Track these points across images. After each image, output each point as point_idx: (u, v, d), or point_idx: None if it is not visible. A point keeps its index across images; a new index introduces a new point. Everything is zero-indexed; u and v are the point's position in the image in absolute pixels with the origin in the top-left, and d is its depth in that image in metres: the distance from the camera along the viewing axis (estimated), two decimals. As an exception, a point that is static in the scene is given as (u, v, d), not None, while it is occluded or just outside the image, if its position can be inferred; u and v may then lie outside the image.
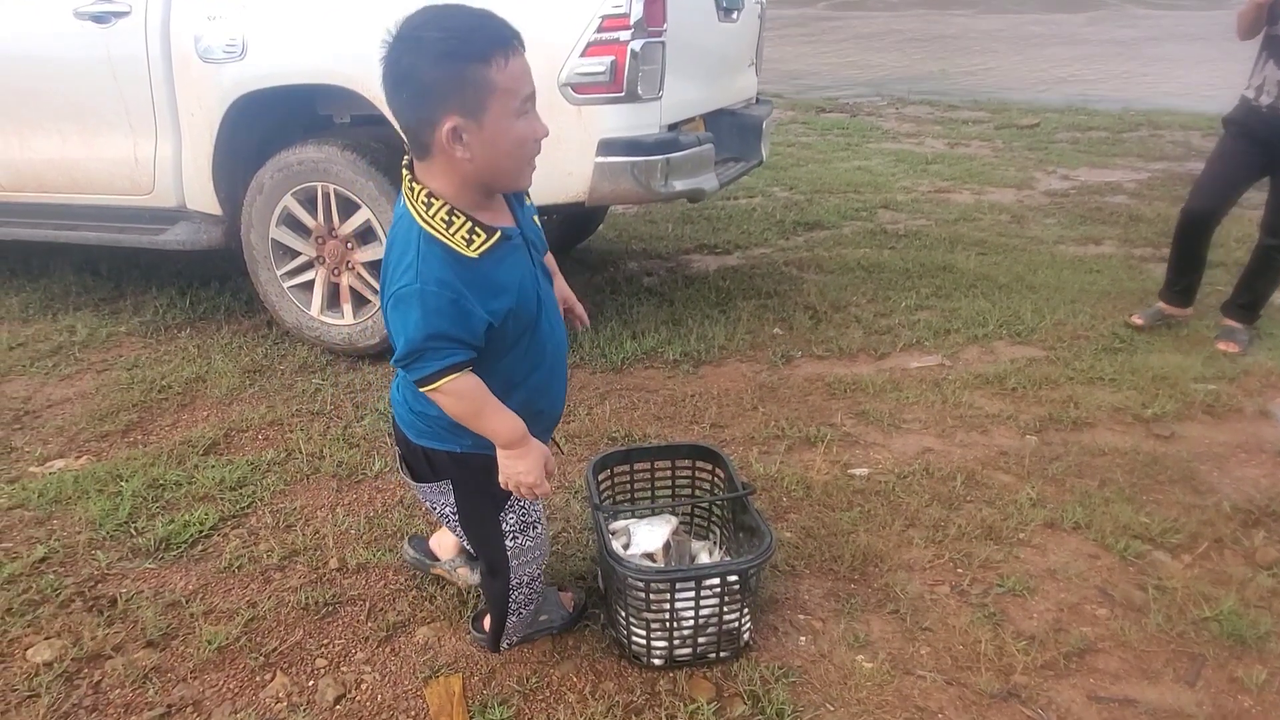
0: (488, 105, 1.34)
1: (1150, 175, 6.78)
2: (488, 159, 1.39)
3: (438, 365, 1.44)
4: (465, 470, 1.68)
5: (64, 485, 2.53)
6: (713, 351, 3.48)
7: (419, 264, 1.41)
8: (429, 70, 1.32)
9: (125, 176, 3.50)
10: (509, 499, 1.69)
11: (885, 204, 5.92)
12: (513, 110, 1.36)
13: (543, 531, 1.81)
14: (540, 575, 1.85)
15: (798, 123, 9.17)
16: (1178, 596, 2.10)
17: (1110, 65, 13.61)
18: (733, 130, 3.87)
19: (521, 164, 1.44)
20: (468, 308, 1.43)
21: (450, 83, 1.32)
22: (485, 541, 1.76)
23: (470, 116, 1.35)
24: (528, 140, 1.40)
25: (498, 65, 1.32)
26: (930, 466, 2.66)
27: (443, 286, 1.40)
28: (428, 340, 1.42)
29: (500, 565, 1.76)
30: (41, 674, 1.84)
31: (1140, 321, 3.69)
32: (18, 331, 3.70)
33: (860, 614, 2.05)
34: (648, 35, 2.88)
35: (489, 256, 1.46)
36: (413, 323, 1.41)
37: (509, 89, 1.34)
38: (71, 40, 3.34)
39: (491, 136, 1.36)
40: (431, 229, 1.42)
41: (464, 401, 1.50)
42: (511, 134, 1.38)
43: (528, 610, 1.87)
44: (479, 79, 1.32)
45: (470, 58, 1.31)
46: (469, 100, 1.33)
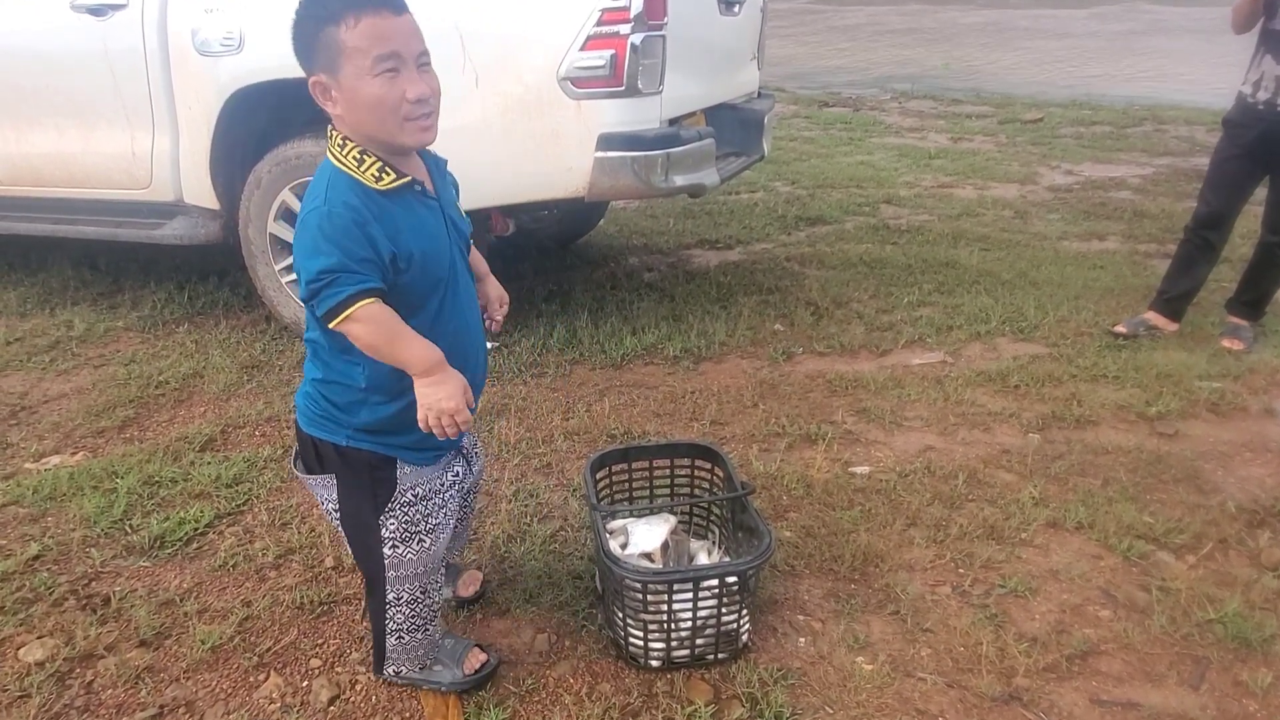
0: (340, 64, 1.40)
1: (1155, 170, 6.74)
2: (353, 115, 1.44)
3: (348, 290, 1.40)
4: (347, 466, 1.59)
5: (59, 482, 2.51)
6: (713, 348, 3.46)
7: (327, 191, 1.43)
8: (295, 32, 1.43)
9: (122, 171, 3.48)
10: (389, 503, 1.60)
11: (888, 199, 5.89)
12: (365, 69, 1.39)
13: (432, 549, 1.66)
14: (429, 606, 1.72)
15: (800, 117, 9.13)
16: (1182, 598, 2.07)
17: (1115, 60, 13.55)
18: (734, 125, 3.84)
19: (391, 121, 1.43)
20: (373, 233, 1.42)
21: (307, 42, 1.42)
22: (362, 546, 1.65)
23: (329, 74, 1.42)
24: (388, 99, 1.41)
25: (347, 25, 1.37)
26: (932, 465, 2.64)
27: (349, 209, 1.41)
28: (336, 264, 1.39)
29: (376, 575, 1.66)
30: (33, 673, 1.82)
31: (1124, 330, 3.56)
32: (15, 326, 3.69)
33: (860, 615, 2.02)
34: (648, 29, 2.85)
35: (397, 197, 1.47)
36: (320, 245, 1.40)
37: (358, 48, 1.38)
38: (68, 33, 3.33)
39: (349, 94, 1.42)
40: (342, 164, 1.45)
41: (377, 327, 1.43)
42: (366, 92, 1.40)
43: (412, 636, 1.73)
44: (329, 38, 1.39)
45: (321, 19, 1.39)
46: (323, 59, 1.41)
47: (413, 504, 1.62)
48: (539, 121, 2.93)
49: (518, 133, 2.95)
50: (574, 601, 2.05)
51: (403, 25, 1.42)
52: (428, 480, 1.65)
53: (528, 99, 2.92)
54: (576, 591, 2.09)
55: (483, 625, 2.00)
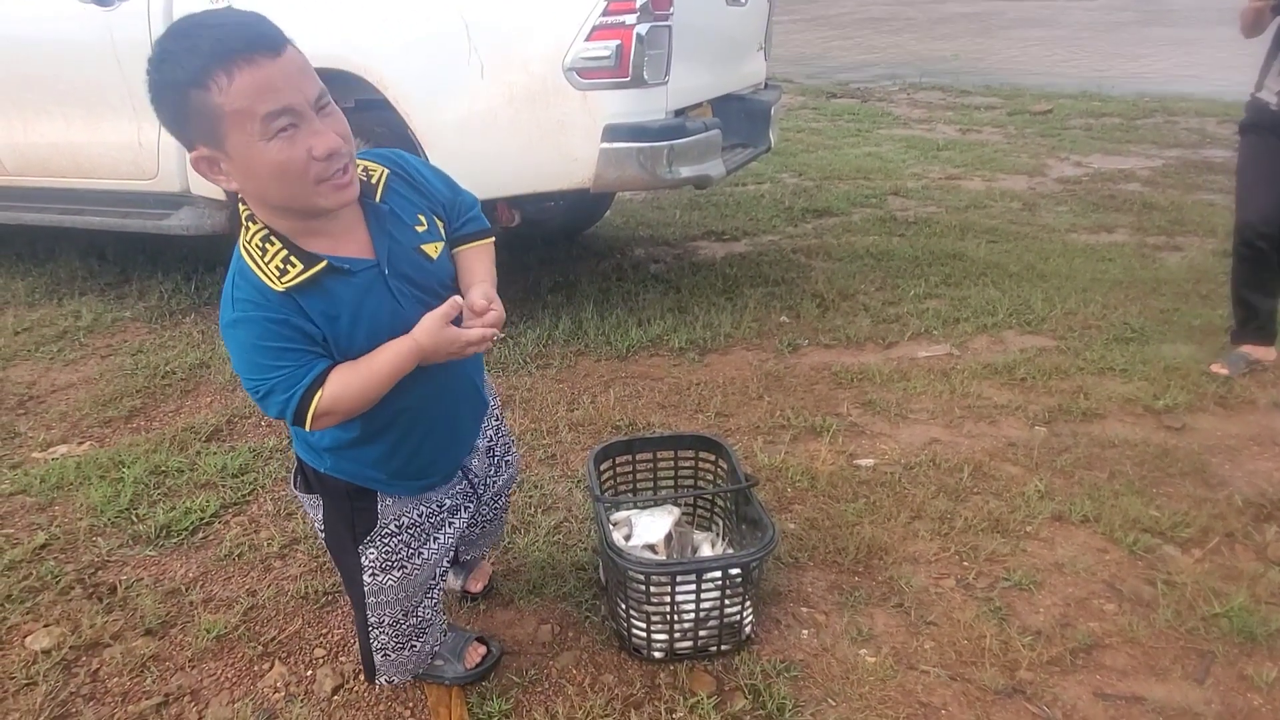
0: (222, 133, 1.16)
1: (1164, 162, 6.69)
2: (255, 187, 1.22)
3: (295, 395, 1.25)
4: (326, 492, 1.53)
5: (66, 471, 2.52)
6: (719, 340, 3.45)
7: (233, 295, 1.26)
8: (157, 100, 1.17)
9: (129, 161, 3.49)
10: (369, 535, 1.52)
11: (895, 191, 5.87)
12: (255, 134, 1.15)
13: (416, 575, 1.59)
14: (418, 624, 1.66)
15: (808, 108, 9.09)
16: (1187, 592, 2.07)
17: (1126, 50, 13.45)
18: (741, 116, 3.82)
19: (300, 188, 1.20)
20: (295, 324, 1.25)
21: (175, 112, 1.17)
22: (345, 571, 1.60)
23: (212, 147, 1.18)
24: (292, 165, 1.17)
25: (218, 86, 1.12)
26: (937, 458, 2.63)
27: (257, 312, 1.24)
28: (262, 369, 1.25)
29: (357, 600, 1.61)
30: (40, 662, 1.84)
31: (1226, 371, 3.15)
32: (23, 316, 3.70)
33: (864, 607, 2.02)
34: (654, 19, 2.84)
35: (303, 293, 1.25)
36: (239, 359, 1.27)
37: (240, 110, 1.13)
38: (75, 24, 3.33)
39: (243, 166, 1.19)
40: (247, 256, 1.26)
41: (347, 390, 1.28)
42: (263, 160, 1.17)
43: (398, 654, 1.67)
44: (200, 105, 1.14)
45: (183, 84, 1.13)
46: (199, 130, 1.17)
47: (395, 534, 1.54)
48: (545, 112, 2.93)
49: (523, 123, 2.95)
50: (577, 593, 2.06)
51: (286, 67, 1.16)
52: (414, 507, 1.56)
53: (533, 89, 2.91)
54: (580, 583, 2.09)
55: (486, 616, 2.00)
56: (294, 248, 1.26)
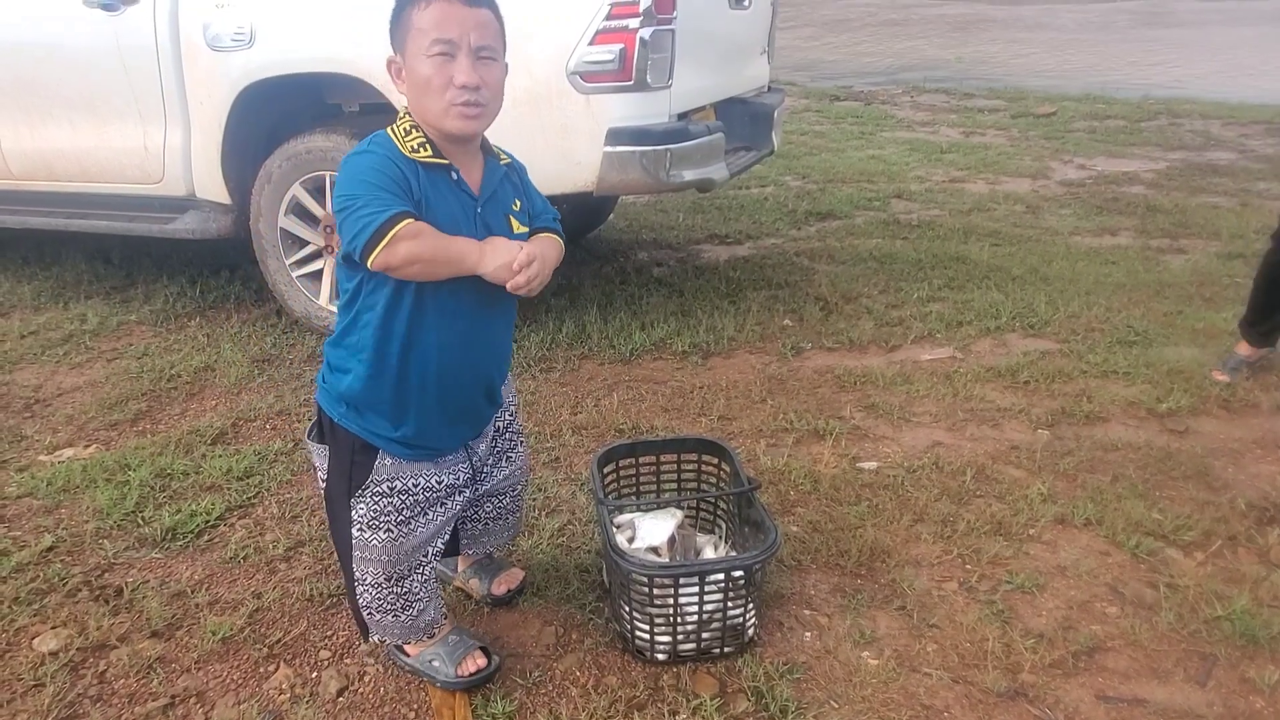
0: (406, 42, 1.48)
1: (1168, 165, 6.69)
2: (411, 94, 1.51)
3: (386, 212, 1.42)
4: (335, 442, 1.64)
5: (73, 474, 2.53)
6: (722, 343, 3.46)
7: (369, 142, 1.51)
8: (391, 15, 1.51)
9: (135, 165, 3.51)
10: (361, 489, 1.62)
11: (899, 194, 5.88)
12: (422, 49, 1.45)
13: (400, 542, 1.65)
14: (403, 594, 1.70)
15: (811, 111, 9.10)
16: (1190, 595, 2.07)
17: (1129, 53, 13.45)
18: (744, 119, 3.84)
19: (437, 103, 1.47)
20: (406, 180, 1.47)
21: (393, 22, 1.51)
22: (335, 521, 1.69)
23: (399, 52, 1.51)
24: (435, 79, 1.46)
25: (419, 6, 1.45)
26: (940, 460, 2.63)
27: (386, 153, 1.48)
28: (368, 187, 1.43)
29: (343, 553, 1.70)
30: (47, 663, 1.85)
31: (1225, 378, 3.14)
32: (29, 319, 3.72)
33: (866, 610, 2.03)
34: (657, 23, 2.85)
35: (426, 172, 1.50)
36: (352, 175, 1.46)
37: (421, 29, 1.45)
38: (81, 28, 3.35)
39: (409, 72, 1.50)
40: (392, 132, 1.52)
41: (423, 239, 1.45)
42: (418, 70, 1.47)
43: (384, 617, 1.72)
44: (405, 18, 1.48)
45: (406, 2, 1.48)
46: (398, 37, 1.50)
47: (386, 496, 1.63)
48: (548, 115, 2.94)
49: (526, 126, 2.96)
50: (581, 595, 2.07)
51: (471, 16, 1.47)
52: (412, 476, 1.65)
53: (537, 92, 2.93)
54: (583, 585, 2.10)
55: (490, 618, 2.01)
56: (432, 143, 1.52)
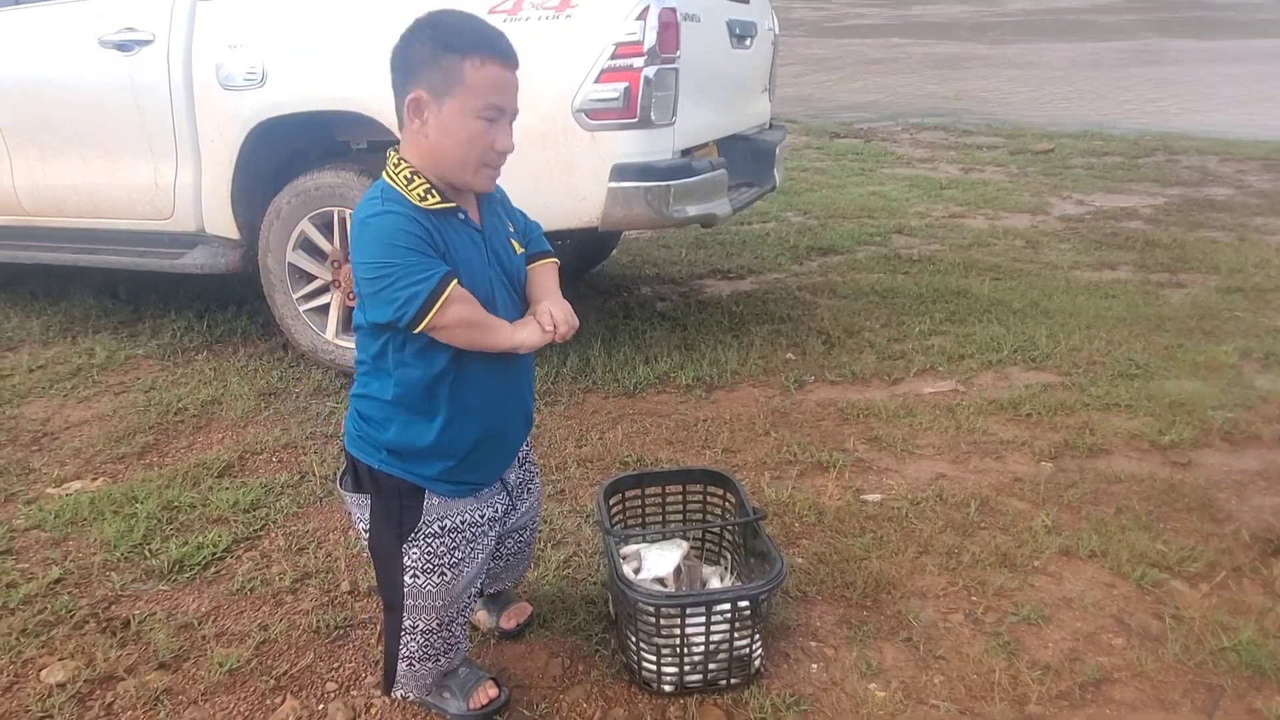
0: (452, 93, 1.45)
1: (1166, 200, 6.76)
2: (439, 142, 1.48)
3: (432, 279, 1.44)
4: (378, 490, 1.62)
5: (80, 507, 2.55)
6: (725, 376, 3.48)
7: (382, 200, 1.48)
8: (416, 49, 1.46)
9: (146, 201, 3.56)
10: (414, 532, 1.61)
11: (899, 229, 5.93)
12: (473, 109, 1.45)
13: (454, 583, 1.66)
14: (446, 639, 1.71)
15: (811, 148, 9.21)
16: (1195, 626, 2.07)
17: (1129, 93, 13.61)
18: (746, 155, 3.89)
19: (470, 162, 1.50)
20: (429, 233, 1.47)
21: (427, 61, 1.45)
22: (385, 571, 1.66)
23: (434, 96, 1.46)
24: (480, 141, 1.48)
25: (473, 63, 1.44)
26: (944, 493, 2.64)
27: (404, 213, 1.46)
28: (398, 253, 1.43)
29: (395, 601, 1.66)
30: (55, 695, 1.85)
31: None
32: (38, 354, 3.75)
33: (873, 641, 2.03)
34: (661, 62, 2.91)
35: (440, 218, 1.51)
36: (376, 243, 1.45)
37: (476, 88, 1.44)
38: (96, 68, 3.42)
39: (448, 122, 1.46)
40: (392, 181, 1.51)
41: (467, 313, 1.48)
42: (465, 128, 1.46)
43: (424, 665, 1.71)
44: (452, 67, 1.44)
45: (452, 48, 1.44)
46: (438, 81, 1.45)
47: (438, 536, 1.62)
48: (553, 152, 2.99)
49: (532, 163, 3.00)
50: (587, 626, 2.07)
51: (514, 82, 1.50)
52: (458, 513, 1.64)
53: (543, 130, 2.97)
54: (590, 616, 2.10)
55: (497, 649, 2.01)
56: (435, 187, 1.51)
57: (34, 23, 3.59)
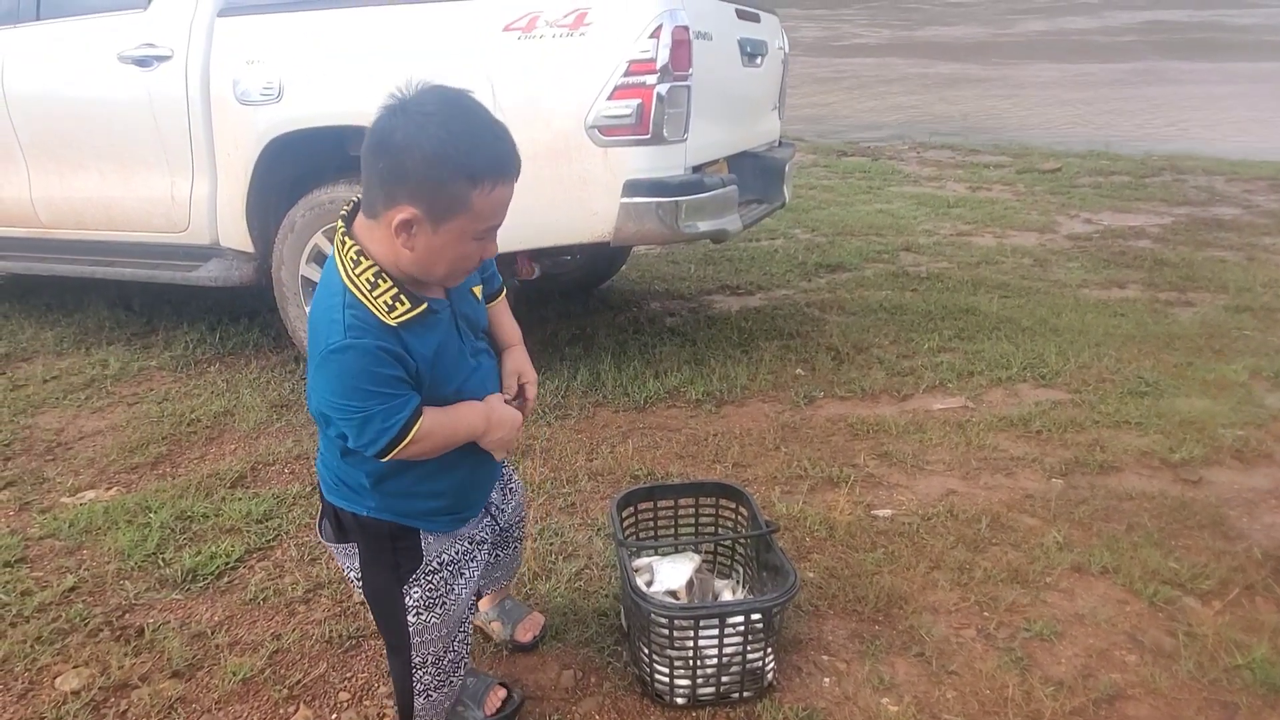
0: (452, 219, 1.32)
1: (1174, 220, 6.77)
2: (425, 259, 1.36)
3: (399, 421, 1.35)
4: (368, 536, 1.54)
5: (94, 516, 2.56)
6: (735, 391, 3.49)
7: (345, 325, 1.33)
8: (416, 159, 1.28)
9: (162, 215, 3.59)
10: (413, 573, 1.55)
11: (907, 246, 5.95)
12: (471, 233, 1.35)
13: (452, 609, 1.61)
14: (454, 659, 1.67)
15: (819, 166, 9.24)
16: (1208, 643, 2.06)
17: (1136, 114, 13.66)
18: (756, 172, 3.91)
19: (455, 274, 1.43)
20: (396, 355, 1.36)
21: (429, 182, 1.29)
22: (386, 615, 1.60)
23: (430, 219, 1.31)
24: (471, 259, 1.40)
25: (482, 190, 1.31)
26: (955, 508, 2.64)
27: (371, 345, 1.34)
28: (366, 396, 1.34)
29: (400, 642, 1.60)
30: (69, 702, 1.86)
31: None
32: (52, 365, 3.78)
33: (885, 656, 2.03)
34: (674, 79, 2.93)
35: (408, 328, 1.38)
36: (343, 383, 1.34)
37: (480, 214, 1.33)
38: (114, 83, 3.46)
39: (440, 244, 1.34)
40: (355, 289, 1.35)
41: (433, 438, 1.42)
42: (458, 250, 1.36)
43: (440, 693, 1.67)
44: (459, 194, 1.30)
45: (461, 172, 1.29)
46: (437, 206, 1.31)
47: (436, 571, 1.58)
48: (566, 167, 3.01)
49: (545, 178, 3.03)
50: (599, 638, 2.07)
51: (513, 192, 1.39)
52: (453, 545, 1.61)
53: (556, 146, 3.00)
54: (602, 628, 2.10)
55: (509, 661, 2.02)
56: (403, 288, 1.37)
57: (53, 38, 3.64)
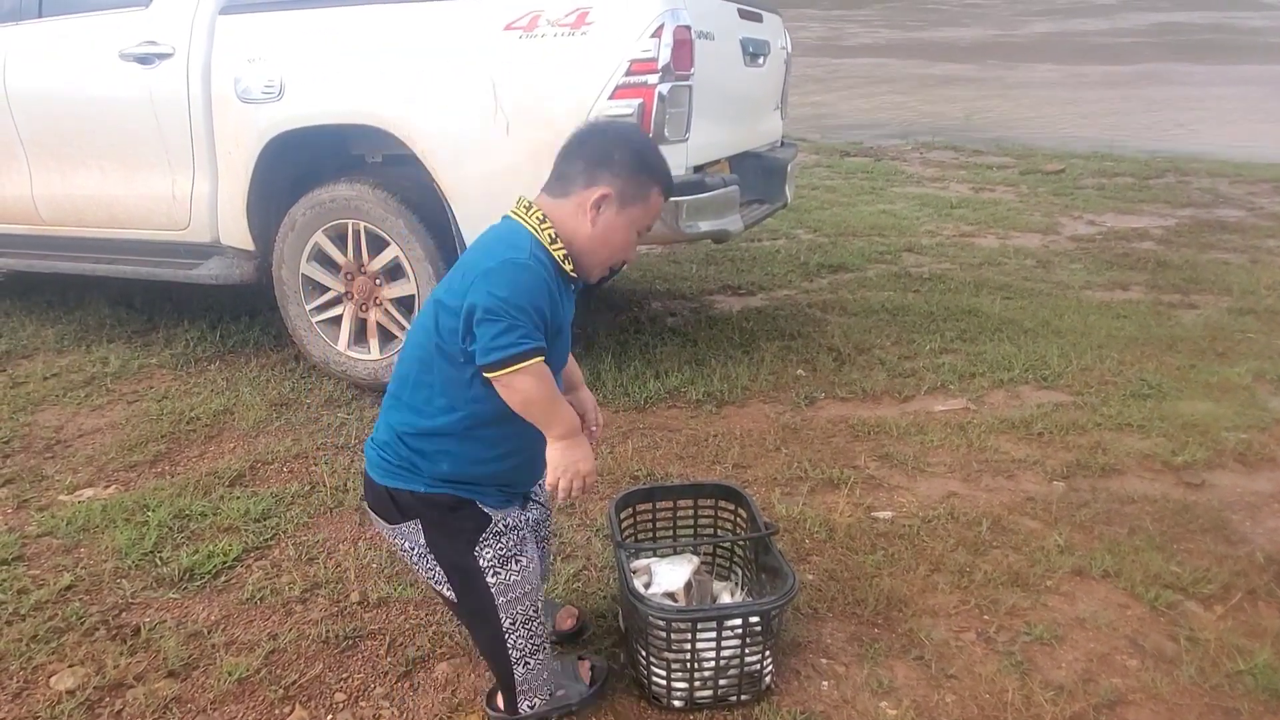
0: (633, 207, 1.64)
1: (1178, 221, 6.75)
2: (599, 235, 1.63)
3: (531, 344, 1.50)
4: (431, 508, 1.64)
5: (92, 514, 2.55)
6: (736, 392, 3.48)
7: (531, 248, 1.56)
8: (626, 150, 1.63)
9: (163, 212, 3.59)
10: (483, 534, 1.65)
11: (909, 247, 5.93)
12: (636, 223, 1.66)
13: (529, 565, 1.71)
14: (538, 617, 1.74)
15: (822, 166, 9.23)
16: (1210, 649, 2.05)
17: (1140, 115, 13.63)
18: (758, 173, 3.90)
19: (607, 261, 1.69)
20: (553, 300, 1.57)
21: (627, 172, 1.62)
22: (464, 583, 1.67)
23: (620, 201, 1.62)
24: (625, 250, 1.69)
25: (656, 195, 1.67)
26: (955, 511, 2.63)
27: (545, 272, 1.55)
28: (523, 309, 1.50)
29: (486, 608, 1.67)
30: (64, 701, 1.85)
31: None
32: (52, 362, 3.77)
33: (884, 659, 2.02)
34: (675, 79, 2.92)
35: (564, 284, 1.64)
36: (514, 288, 1.50)
37: (650, 211, 1.67)
38: (116, 80, 3.45)
39: (616, 225, 1.63)
40: (537, 234, 1.59)
41: (543, 383, 1.56)
42: (625, 236, 1.66)
43: (535, 659, 1.73)
44: (644, 187, 1.64)
45: (650, 173, 1.65)
46: (628, 191, 1.62)
47: (504, 534, 1.67)
48: (568, 167, 2.99)
49: (545, 177, 3.01)
50: (597, 640, 2.06)
51: None
52: (510, 515, 1.70)
53: (557, 145, 2.96)
54: (600, 630, 2.09)
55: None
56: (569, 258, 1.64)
57: (55, 35, 3.64)
